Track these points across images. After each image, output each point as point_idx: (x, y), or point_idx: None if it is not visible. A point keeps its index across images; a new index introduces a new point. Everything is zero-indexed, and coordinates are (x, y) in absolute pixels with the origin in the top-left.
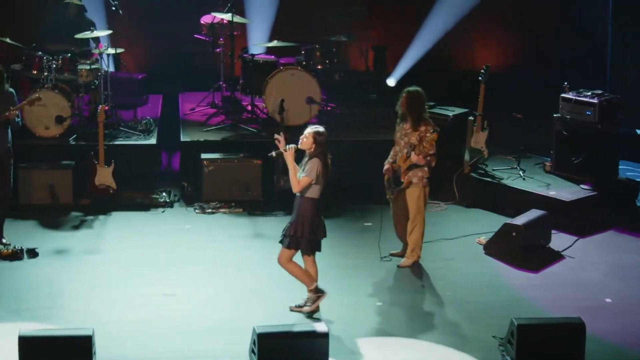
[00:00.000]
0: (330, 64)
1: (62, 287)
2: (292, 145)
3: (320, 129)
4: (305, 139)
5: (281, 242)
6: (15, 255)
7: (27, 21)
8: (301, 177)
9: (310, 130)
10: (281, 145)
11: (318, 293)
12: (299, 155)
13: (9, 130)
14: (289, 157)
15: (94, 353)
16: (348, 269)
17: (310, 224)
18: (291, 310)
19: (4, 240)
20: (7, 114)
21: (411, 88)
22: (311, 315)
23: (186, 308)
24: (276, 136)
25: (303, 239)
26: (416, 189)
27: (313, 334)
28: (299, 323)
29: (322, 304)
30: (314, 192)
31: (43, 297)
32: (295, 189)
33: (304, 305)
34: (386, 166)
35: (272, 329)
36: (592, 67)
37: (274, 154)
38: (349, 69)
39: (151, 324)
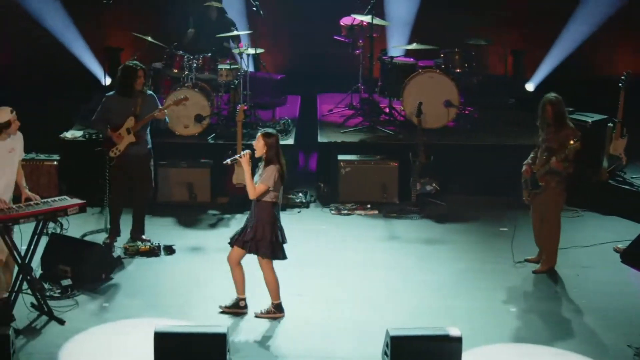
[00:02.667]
0: (468, 67)
1: (198, 284)
2: (247, 151)
3: (269, 131)
4: (257, 143)
5: (230, 243)
6: (153, 252)
7: (168, 20)
8: (257, 183)
9: (259, 133)
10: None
11: (241, 308)
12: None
13: (149, 132)
14: (245, 163)
15: (228, 350)
16: (482, 273)
17: (272, 227)
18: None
19: (143, 237)
20: (156, 114)
21: (551, 97)
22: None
23: (319, 308)
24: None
25: (264, 242)
26: (553, 194)
27: (446, 338)
28: (433, 326)
29: (456, 307)
30: (272, 196)
31: (179, 294)
32: (252, 195)
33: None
34: (524, 167)
35: (406, 332)
36: None
37: (228, 161)
38: (487, 73)
39: (283, 324)
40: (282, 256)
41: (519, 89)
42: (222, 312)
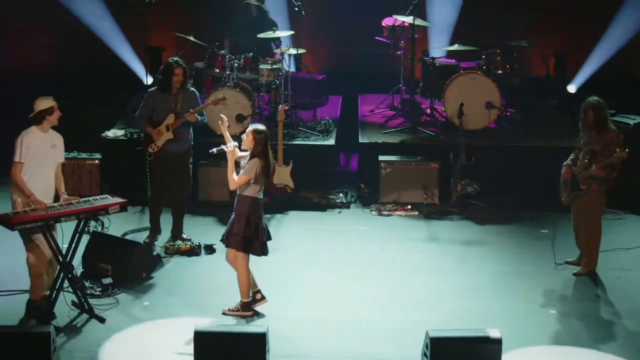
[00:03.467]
0: (510, 69)
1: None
2: (234, 143)
3: (260, 127)
4: (246, 137)
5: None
6: (193, 251)
7: (210, 20)
8: (240, 175)
9: (250, 128)
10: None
11: (257, 303)
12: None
13: (191, 130)
14: (230, 155)
15: (268, 351)
16: (522, 275)
17: (246, 221)
18: (223, 313)
19: (183, 236)
20: (188, 115)
21: (593, 101)
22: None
23: (359, 309)
24: (222, 116)
25: (235, 236)
26: (594, 196)
27: (486, 340)
28: (472, 328)
29: (496, 308)
30: (253, 191)
31: (219, 293)
32: (231, 186)
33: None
34: (564, 169)
35: (445, 333)
36: None
37: (214, 150)
38: (529, 74)
39: (323, 324)
40: (260, 252)
41: (560, 90)
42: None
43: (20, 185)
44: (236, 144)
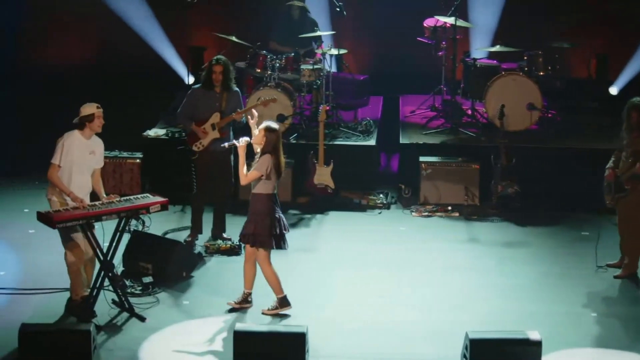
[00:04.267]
0: (552, 70)
1: None
2: (246, 139)
3: (273, 125)
4: (257, 134)
5: (241, 241)
6: (233, 251)
7: (252, 20)
8: (250, 170)
9: (262, 125)
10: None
11: (246, 303)
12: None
13: (231, 130)
14: (240, 150)
15: (307, 351)
16: (563, 277)
17: (270, 219)
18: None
19: (224, 235)
20: (234, 115)
21: (636, 102)
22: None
23: (398, 310)
24: (253, 110)
25: (263, 236)
26: (638, 197)
27: (526, 342)
28: (512, 330)
29: (536, 310)
30: (267, 188)
31: (259, 293)
32: (242, 181)
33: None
34: (608, 171)
35: (485, 335)
36: None
37: (226, 145)
38: (570, 76)
39: (363, 325)
40: (285, 246)
41: (602, 92)
42: (230, 310)
43: (57, 184)
44: (247, 139)
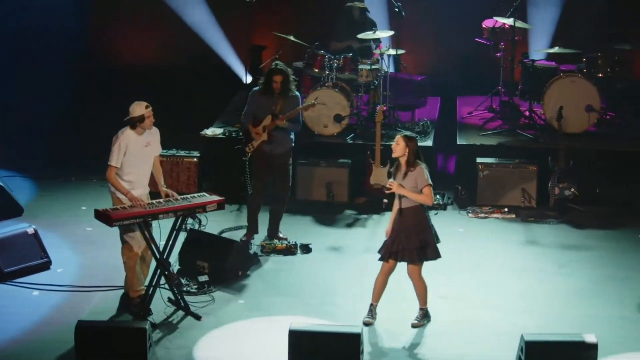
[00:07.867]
0: (611, 72)
1: (333, 284)
2: (391, 181)
3: (411, 134)
4: (397, 145)
5: (392, 258)
6: (289, 250)
7: (312, 20)
8: (422, 189)
9: (399, 135)
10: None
11: (426, 316)
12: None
13: (292, 133)
14: (401, 190)
15: (362, 352)
16: (621, 280)
17: (432, 229)
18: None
19: (280, 235)
20: (278, 120)
21: None
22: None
23: (455, 310)
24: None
25: (430, 248)
26: None
27: (582, 345)
28: (568, 332)
29: (593, 313)
30: None
31: (313, 293)
32: (429, 201)
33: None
34: None
35: (541, 337)
36: None
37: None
38: (631, 78)
39: (423, 325)
40: (437, 255)
41: None
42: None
43: (115, 185)
44: (393, 181)
